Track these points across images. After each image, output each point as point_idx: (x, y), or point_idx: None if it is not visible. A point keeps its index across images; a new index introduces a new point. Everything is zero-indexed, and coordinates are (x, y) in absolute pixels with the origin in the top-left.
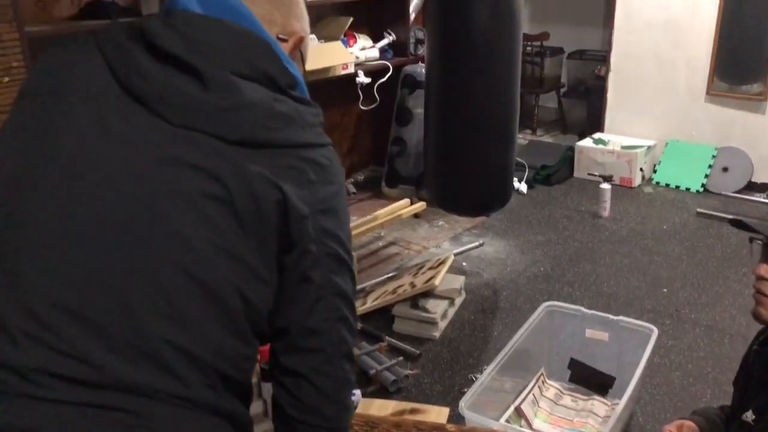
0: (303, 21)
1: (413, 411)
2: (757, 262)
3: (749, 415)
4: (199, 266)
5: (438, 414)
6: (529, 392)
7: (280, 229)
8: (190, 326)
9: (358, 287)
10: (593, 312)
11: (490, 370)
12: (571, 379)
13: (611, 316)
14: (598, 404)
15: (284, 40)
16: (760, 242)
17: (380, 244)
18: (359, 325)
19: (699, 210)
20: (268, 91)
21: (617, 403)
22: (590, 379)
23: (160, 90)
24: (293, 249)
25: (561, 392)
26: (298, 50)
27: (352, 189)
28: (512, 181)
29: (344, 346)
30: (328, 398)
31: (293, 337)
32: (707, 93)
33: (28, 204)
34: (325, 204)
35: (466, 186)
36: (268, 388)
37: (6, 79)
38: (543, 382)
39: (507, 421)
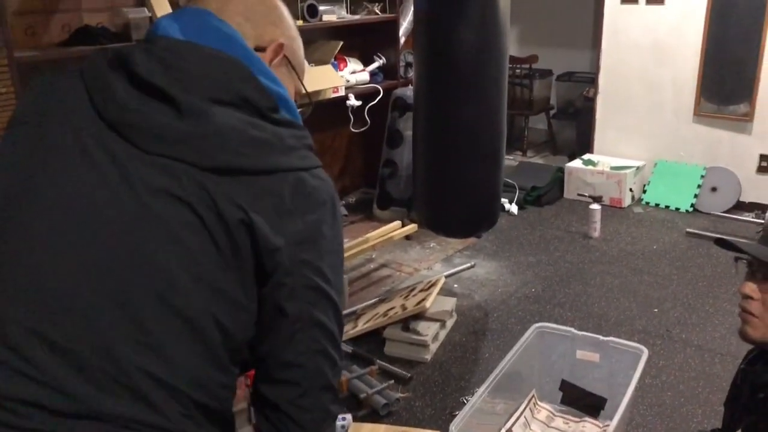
0: (282, 25)
1: None
2: (743, 281)
3: None
4: (175, 294)
5: None
6: (521, 415)
7: (254, 259)
8: (166, 355)
9: (350, 310)
10: (584, 333)
11: (480, 392)
12: (563, 401)
13: (602, 337)
14: (590, 426)
15: (262, 50)
16: (745, 261)
17: (372, 266)
18: (350, 349)
19: (689, 230)
20: (245, 116)
21: (609, 425)
22: (582, 401)
23: (134, 119)
24: (268, 280)
25: (553, 414)
26: (283, 57)
27: (344, 211)
28: (500, 202)
29: (322, 379)
30: (306, 430)
31: (270, 369)
32: (695, 114)
33: (9, 231)
34: (303, 234)
35: (454, 207)
36: None
37: None
38: (534, 404)
39: None
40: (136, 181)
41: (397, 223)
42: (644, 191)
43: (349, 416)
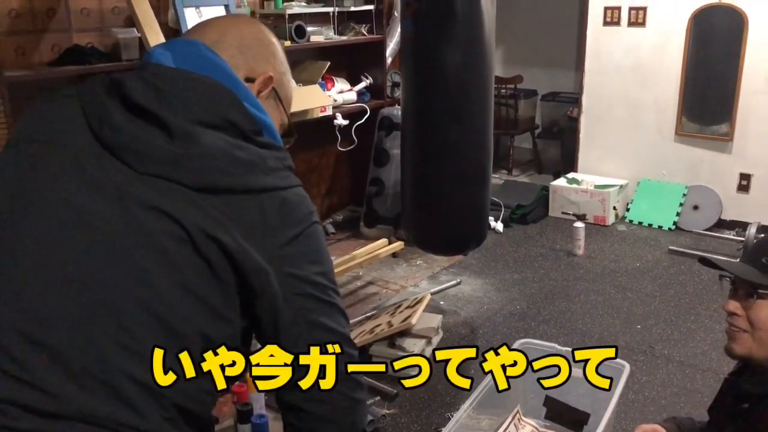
0: (274, 62)
1: None
2: (727, 299)
3: None
4: (159, 303)
5: None
6: (505, 430)
7: (239, 276)
8: (149, 359)
9: None
10: (567, 349)
11: (465, 407)
12: (547, 416)
13: None
14: None
15: (251, 81)
16: (728, 279)
17: (359, 283)
18: None
19: (671, 247)
20: (231, 138)
21: None
22: (565, 416)
23: (127, 141)
24: (257, 297)
25: (537, 429)
26: (270, 89)
27: (331, 229)
28: (487, 220)
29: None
30: (330, 422)
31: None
32: (676, 133)
33: (5, 241)
34: (288, 249)
35: (442, 225)
36: (244, 430)
37: None
38: (519, 419)
39: None
40: (128, 197)
41: (384, 240)
42: (627, 209)
43: None
